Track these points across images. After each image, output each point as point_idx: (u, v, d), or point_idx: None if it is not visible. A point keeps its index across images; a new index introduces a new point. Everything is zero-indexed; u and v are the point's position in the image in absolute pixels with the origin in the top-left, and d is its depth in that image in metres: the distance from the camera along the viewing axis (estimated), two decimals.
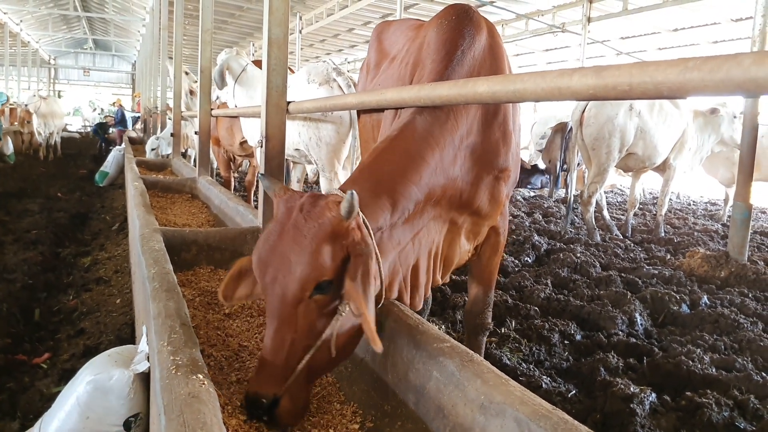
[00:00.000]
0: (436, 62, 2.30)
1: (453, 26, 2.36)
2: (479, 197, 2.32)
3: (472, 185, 2.27)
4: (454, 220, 2.32)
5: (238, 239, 3.75)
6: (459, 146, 2.18)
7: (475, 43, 2.33)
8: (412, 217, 2.03)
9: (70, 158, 16.76)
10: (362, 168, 2.04)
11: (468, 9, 2.45)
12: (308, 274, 1.63)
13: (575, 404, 2.99)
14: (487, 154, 2.28)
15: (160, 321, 1.97)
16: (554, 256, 6.13)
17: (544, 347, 3.74)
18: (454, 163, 2.16)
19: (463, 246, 2.43)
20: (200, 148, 6.93)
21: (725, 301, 4.90)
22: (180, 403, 1.45)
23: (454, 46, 2.30)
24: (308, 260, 1.63)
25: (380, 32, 3.58)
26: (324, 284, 1.66)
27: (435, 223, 2.22)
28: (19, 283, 5.01)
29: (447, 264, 2.41)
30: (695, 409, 2.86)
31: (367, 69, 3.56)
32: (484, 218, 2.41)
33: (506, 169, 2.37)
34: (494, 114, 2.30)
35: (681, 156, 7.96)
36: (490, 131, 2.29)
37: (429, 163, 2.05)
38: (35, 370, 3.51)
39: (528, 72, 1.69)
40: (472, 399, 1.64)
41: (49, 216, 7.96)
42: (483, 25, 2.41)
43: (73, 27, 39.62)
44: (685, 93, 1.26)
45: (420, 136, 2.09)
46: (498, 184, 2.36)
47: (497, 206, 2.42)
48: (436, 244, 2.27)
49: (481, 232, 2.48)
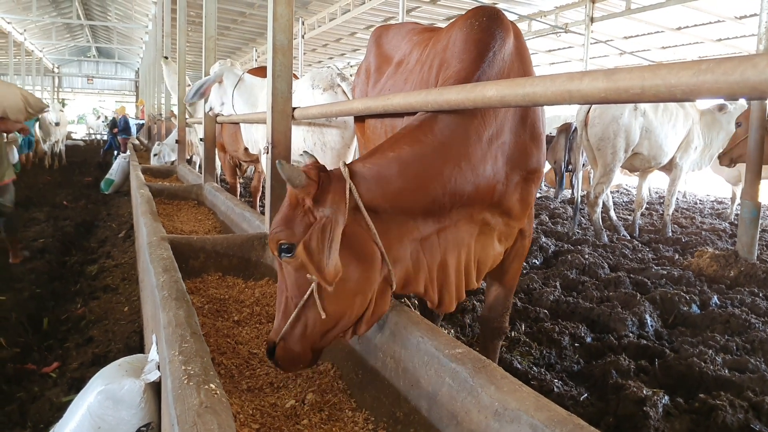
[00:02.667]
0: (465, 62, 2.24)
1: (484, 27, 2.30)
2: (510, 198, 2.29)
3: (505, 185, 2.23)
4: (487, 221, 2.28)
5: (246, 245, 3.74)
6: (489, 145, 2.14)
7: (506, 46, 2.28)
8: (434, 210, 2.02)
9: (75, 166, 16.81)
10: (379, 147, 2.06)
11: (498, 11, 2.40)
12: (272, 235, 1.91)
13: (588, 408, 2.97)
14: (519, 155, 2.26)
15: (171, 330, 1.96)
16: (562, 258, 6.11)
17: (555, 350, 3.72)
18: (484, 162, 2.12)
19: (496, 248, 2.39)
20: (206, 154, 6.94)
21: (735, 301, 4.87)
22: (193, 414, 1.44)
23: (486, 47, 2.24)
24: (273, 224, 1.93)
25: (379, 36, 3.54)
26: (283, 246, 1.88)
27: (466, 224, 2.19)
28: (27, 292, 5.03)
29: (481, 267, 2.36)
30: (709, 411, 2.84)
31: (366, 73, 3.52)
32: (514, 219, 2.38)
33: (537, 170, 2.34)
34: (525, 115, 2.27)
35: (687, 155, 7.92)
36: (522, 132, 2.27)
37: (448, 156, 2.02)
38: (45, 380, 3.51)
39: (538, 76, 1.68)
40: (486, 406, 1.63)
41: (56, 224, 7.99)
42: (511, 28, 2.37)
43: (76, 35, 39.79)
44: (699, 95, 1.24)
45: (441, 130, 2.06)
46: (528, 185, 2.34)
47: (526, 208, 2.40)
48: (467, 245, 2.23)
49: (512, 234, 2.45)
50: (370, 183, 1.92)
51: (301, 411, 2.04)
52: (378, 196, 1.92)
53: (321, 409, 2.06)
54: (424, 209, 2.01)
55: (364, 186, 1.91)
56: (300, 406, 2.06)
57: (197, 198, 6.46)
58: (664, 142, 7.56)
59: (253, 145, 6.15)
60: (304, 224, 1.86)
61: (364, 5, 13.30)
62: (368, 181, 1.91)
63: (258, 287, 3.42)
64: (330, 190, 1.87)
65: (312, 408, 2.05)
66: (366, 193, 1.90)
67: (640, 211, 8.49)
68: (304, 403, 2.08)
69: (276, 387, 2.24)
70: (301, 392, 2.17)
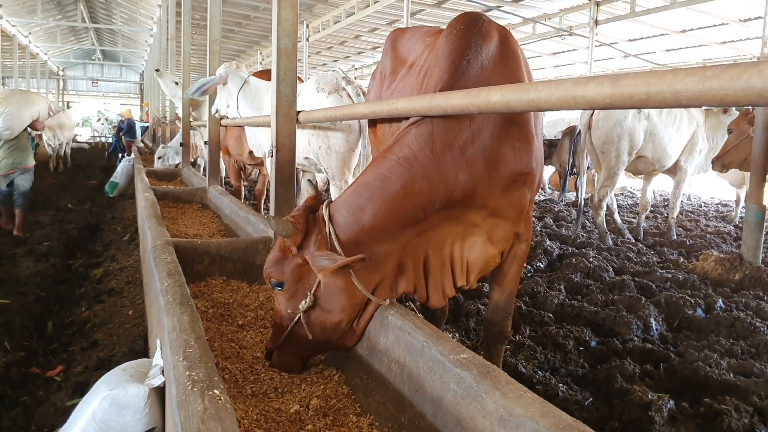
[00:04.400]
0: (442, 71, 2.32)
1: (461, 35, 2.36)
2: (497, 200, 2.32)
3: (487, 188, 2.27)
4: (474, 222, 2.34)
5: (250, 249, 3.75)
6: (462, 152, 2.19)
7: (483, 52, 2.32)
8: (410, 222, 2.18)
9: (80, 169, 16.83)
10: (356, 180, 2.28)
11: (478, 18, 2.44)
12: (265, 273, 2.30)
13: (593, 412, 2.96)
14: (503, 158, 2.28)
15: (175, 335, 1.97)
16: (567, 261, 6.09)
17: (560, 354, 3.70)
18: (457, 168, 2.18)
19: (488, 250, 2.43)
20: (210, 157, 6.95)
21: (741, 305, 4.84)
22: (197, 421, 1.44)
23: (460, 55, 2.31)
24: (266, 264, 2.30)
25: (394, 39, 3.55)
26: (275, 283, 2.27)
27: (448, 224, 2.30)
28: (32, 295, 5.03)
29: (471, 267, 2.42)
30: (714, 416, 2.82)
31: (381, 77, 3.53)
32: (506, 221, 2.41)
33: (527, 173, 2.35)
34: (511, 118, 2.28)
35: (692, 158, 7.89)
36: (508, 135, 2.28)
37: (417, 172, 2.15)
38: (49, 384, 3.51)
39: (543, 81, 1.68)
40: (491, 411, 1.62)
41: (60, 227, 7.99)
42: (492, 34, 2.39)
43: (81, 38, 39.91)
44: (705, 102, 1.24)
45: (411, 146, 2.18)
46: (519, 187, 2.36)
47: (520, 210, 2.42)
48: (450, 243, 2.34)
49: (506, 237, 2.48)
50: (347, 220, 2.16)
51: (306, 416, 2.03)
52: (356, 230, 2.15)
53: (326, 414, 2.06)
54: (400, 225, 2.17)
55: (342, 224, 2.16)
56: (305, 411, 2.06)
57: (201, 201, 6.48)
58: (668, 146, 7.53)
59: (258, 148, 6.16)
60: (293, 265, 2.22)
61: (368, 8, 13.28)
62: (345, 218, 2.16)
63: (262, 291, 3.43)
64: (313, 234, 2.18)
65: (316, 413, 2.05)
66: (344, 231, 2.16)
67: (644, 215, 8.46)
68: (308, 408, 2.08)
69: (280, 392, 2.23)
70: (305, 397, 2.17)
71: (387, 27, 17.49)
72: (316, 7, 16.26)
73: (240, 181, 7.90)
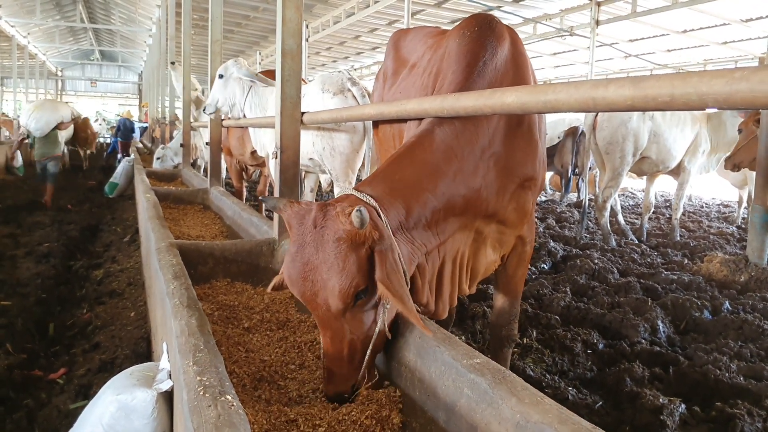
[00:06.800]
0: (456, 73, 2.29)
1: (475, 37, 2.35)
2: (505, 207, 2.30)
3: (498, 195, 2.25)
4: (480, 230, 2.30)
5: (254, 251, 3.71)
6: (481, 156, 2.17)
7: (497, 54, 2.32)
8: (433, 224, 2.05)
9: (78, 170, 16.78)
10: (378, 172, 2.08)
11: (491, 20, 2.43)
12: (345, 290, 1.74)
13: (603, 417, 2.93)
14: (512, 164, 2.26)
15: (184, 339, 1.93)
16: (571, 263, 6.07)
17: (567, 357, 3.68)
18: (476, 174, 2.15)
19: (489, 256, 2.41)
20: (211, 158, 6.91)
21: (747, 307, 4.82)
22: (211, 427, 1.41)
23: (476, 57, 2.29)
24: (341, 279, 1.73)
25: (397, 40, 3.55)
26: (360, 292, 1.78)
27: (460, 233, 2.22)
28: (33, 297, 4.99)
29: (473, 274, 2.39)
30: (727, 420, 2.80)
31: (384, 77, 3.53)
32: (510, 227, 2.39)
33: (532, 177, 2.34)
34: (518, 123, 2.27)
35: (695, 159, 7.88)
36: (515, 140, 2.27)
37: (446, 173, 2.06)
38: (52, 386, 3.49)
39: (561, 83, 1.65)
40: (507, 418, 1.59)
41: (60, 228, 7.96)
42: (505, 36, 2.39)
43: (79, 38, 39.90)
44: (733, 104, 1.20)
45: (438, 146, 2.09)
46: (524, 193, 2.34)
47: (524, 215, 2.39)
48: (461, 253, 2.26)
49: (507, 242, 2.46)
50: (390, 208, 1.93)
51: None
52: (395, 220, 1.93)
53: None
54: (425, 226, 2.03)
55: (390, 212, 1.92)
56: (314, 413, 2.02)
57: (203, 202, 6.43)
58: (672, 146, 7.52)
59: (261, 148, 6.13)
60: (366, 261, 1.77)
61: (368, 8, 13.27)
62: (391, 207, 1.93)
63: (267, 293, 3.39)
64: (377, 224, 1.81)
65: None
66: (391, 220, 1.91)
67: (648, 215, 8.45)
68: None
69: (290, 397, 2.20)
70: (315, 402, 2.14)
71: (387, 27, 17.49)
72: (316, 8, 16.25)
73: (242, 182, 7.88)
